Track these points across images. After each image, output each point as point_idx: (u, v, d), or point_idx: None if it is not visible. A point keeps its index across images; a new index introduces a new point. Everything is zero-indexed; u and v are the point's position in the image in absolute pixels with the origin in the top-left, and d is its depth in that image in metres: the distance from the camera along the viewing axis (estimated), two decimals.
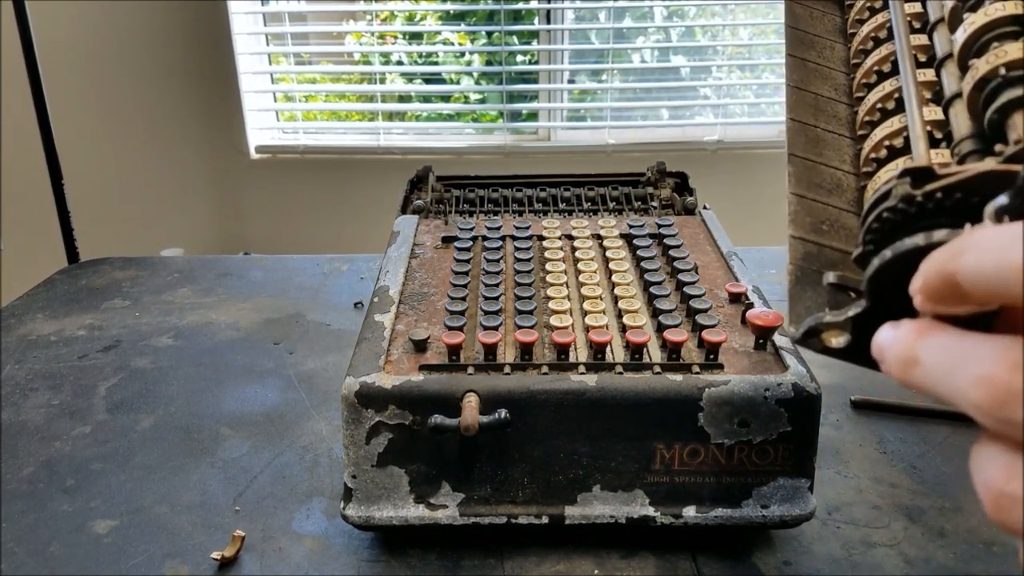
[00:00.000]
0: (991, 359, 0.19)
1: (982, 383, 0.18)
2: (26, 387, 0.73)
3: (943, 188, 0.23)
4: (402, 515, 0.49)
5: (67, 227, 1.17)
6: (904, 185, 0.23)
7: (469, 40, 2.33)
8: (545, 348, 0.51)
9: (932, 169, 0.23)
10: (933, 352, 0.20)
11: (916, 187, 0.23)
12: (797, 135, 0.37)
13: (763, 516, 0.49)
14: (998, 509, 0.19)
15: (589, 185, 0.80)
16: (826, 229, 0.35)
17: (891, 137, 0.34)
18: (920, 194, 0.23)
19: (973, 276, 0.19)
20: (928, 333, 0.21)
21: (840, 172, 0.37)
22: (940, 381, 0.20)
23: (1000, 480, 0.19)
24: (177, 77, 2.21)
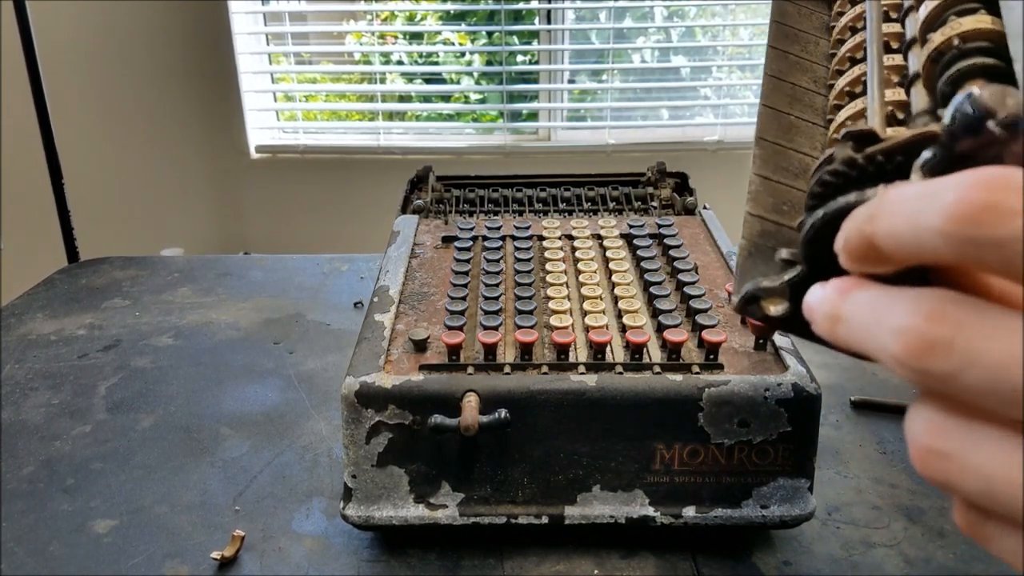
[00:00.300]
0: (909, 310, 0.18)
1: (899, 334, 0.18)
2: (26, 387, 0.73)
3: (883, 151, 0.22)
4: (402, 515, 0.49)
5: (67, 227, 1.17)
6: (846, 148, 0.23)
7: (469, 40, 2.33)
8: (545, 348, 0.51)
9: (874, 133, 0.23)
10: (856, 308, 0.20)
11: (858, 150, 0.23)
12: (769, 121, 0.37)
13: (763, 516, 0.49)
14: (923, 465, 0.19)
15: (589, 185, 0.80)
16: (786, 210, 0.35)
17: (854, 118, 0.33)
18: (861, 157, 0.23)
19: (890, 239, 0.19)
20: (852, 290, 0.20)
21: (809, 158, 0.36)
22: (863, 337, 0.20)
23: (925, 436, 0.19)
24: (177, 77, 2.21)
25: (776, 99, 0.38)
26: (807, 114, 0.38)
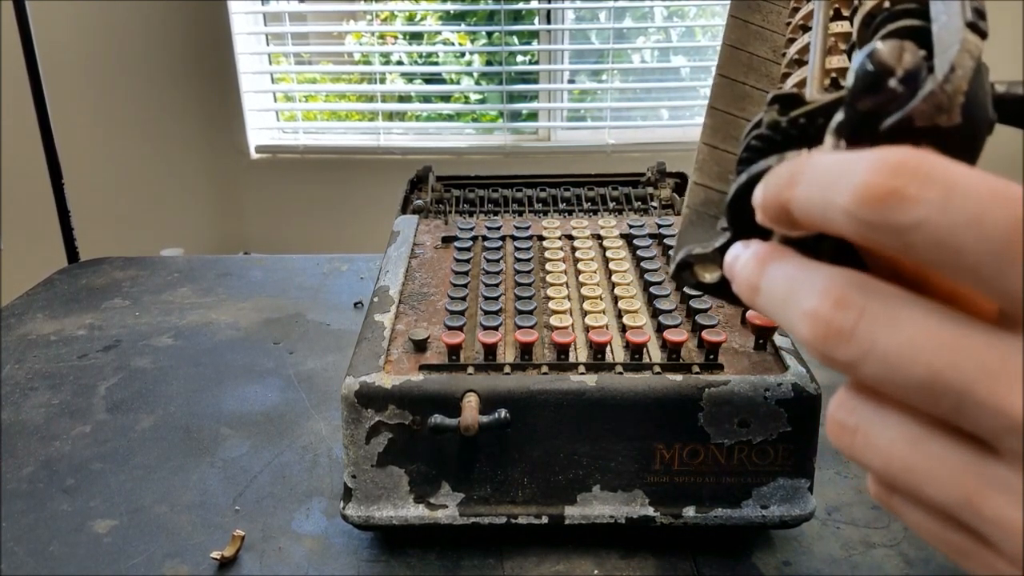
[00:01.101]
0: (818, 292, 0.18)
1: (808, 318, 0.18)
2: (26, 387, 0.73)
3: (805, 113, 0.22)
4: (402, 515, 0.49)
5: (67, 227, 1.17)
6: (772, 112, 0.23)
7: (469, 40, 2.33)
8: (545, 348, 0.51)
9: (799, 95, 0.23)
10: (772, 281, 0.20)
11: (782, 113, 0.23)
12: (723, 90, 0.37)
13: (763, 516, 0.49)
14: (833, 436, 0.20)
15: (589, 185, 0.80)
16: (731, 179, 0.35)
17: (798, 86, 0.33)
18: (784, 120, 0.23)
19: (802, 207, 0.19)
20: (771, 260, 0.20)
21: None
22: (777, 311, 0.20)
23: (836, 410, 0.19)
24: (177, 77, 2.21)
25: (731, 68, 0.37)
26: (762, 83, 0.38)
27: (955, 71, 0.19)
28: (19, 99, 1.40)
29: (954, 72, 0.19)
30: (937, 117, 0.19)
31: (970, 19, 0.20)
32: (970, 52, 0.20)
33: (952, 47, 0.20)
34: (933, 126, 0.19)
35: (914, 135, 0.19)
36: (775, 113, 0.23)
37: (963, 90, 0.19)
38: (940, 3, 0.22)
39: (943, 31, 0.21)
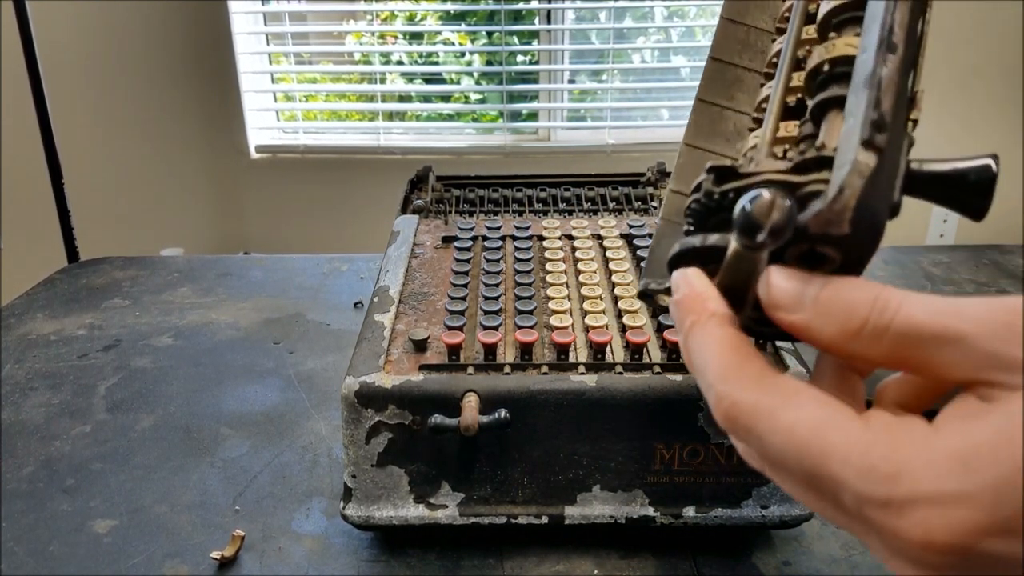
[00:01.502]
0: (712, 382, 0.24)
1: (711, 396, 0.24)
2: (26, 387, 0.73)
3: (734, 189, 0.25)
4: (402, 515, 0.49)
5: (67, 227, 1.17)
6: (708, 181, 0.26)
7: (469, 40, 2.33)
8: (545, 348, 0.51)
9: (734, 169, 0.26)
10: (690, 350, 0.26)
11: (717, 184, 0.26)
12: (713, 77, 0.38)
13: (763, 516, 0.49)
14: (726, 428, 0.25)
15: (589, 185, 0.80)
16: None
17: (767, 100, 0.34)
18: (718, 192, 0.26)
19: None
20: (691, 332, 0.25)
21: (746, 117, 0.37)
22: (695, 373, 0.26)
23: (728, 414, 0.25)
24: (177, 77, 2.21)
25: (725, 49, 0.38)
26: (756, 62, 0.38)
27: (843, 192, 0.22)
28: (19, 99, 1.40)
29: (842, 193, 0.22)
30: (827, 228, 0.23)
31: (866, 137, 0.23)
32: (860, 172, 0.22)
33: (844, 167, 0.23)
34: (825, 234, 0.23)
35: (811, 240, 0.23)
36: (710, 183, 0.26)
37: (851, 207, 0.22)
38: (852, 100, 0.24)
39: (845, 138, 0.24)
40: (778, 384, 0.23)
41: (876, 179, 0.23)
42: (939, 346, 0.21)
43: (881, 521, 0.20)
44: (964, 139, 2.17)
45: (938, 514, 0.19)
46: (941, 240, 2.22)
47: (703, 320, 0.25)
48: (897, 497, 0.20)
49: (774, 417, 0.22)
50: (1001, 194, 0.28)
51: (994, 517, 0.19)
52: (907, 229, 2.17)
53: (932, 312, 0.21)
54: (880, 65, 0.24)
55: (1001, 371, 0.20)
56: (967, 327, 0.20)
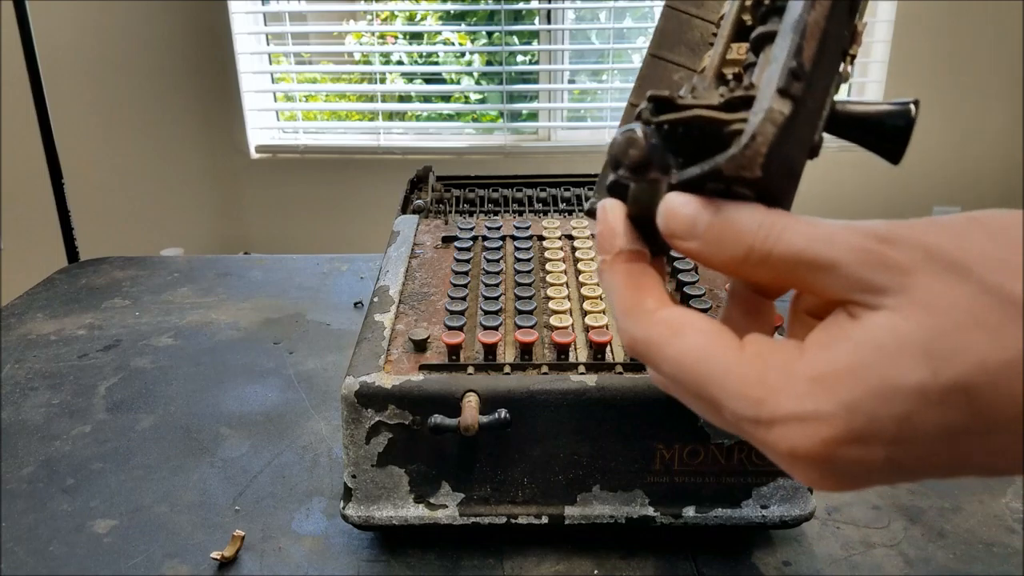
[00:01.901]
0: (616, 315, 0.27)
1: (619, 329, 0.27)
2: (26, 386, 0.73)
3: (669, 121, 0.26)
4: (402, 515, 0.49)
5: (67, 227, 1.17)
6: (647, 111, 0.27)
7: (469, 40, 2.33)
8: (545, 348, 0.51)
9: (672, 100, 0.26)
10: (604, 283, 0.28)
11: (655, 115, 0.26)
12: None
13: (763, 516, 0.49)
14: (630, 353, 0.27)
15: (589, 185, 0.80)
16: None
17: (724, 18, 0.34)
18: (654, 122, 0.26)
19: None
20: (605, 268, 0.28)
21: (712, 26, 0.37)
22: None
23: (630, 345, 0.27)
24: (177, 77, 2.21)
25: None
26: None
27: (755, 139, 0.24)
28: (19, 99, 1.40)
29: (754, 140, 0.24)
30: (740, 172, 0.24)
31: (782, 85, 0.24)
32: (772, 120, 0.24)
33: (759, 114, 0.24)
34: (738, 176, 0.24)
35: (725, 181, 0.24)
36: (648, 113, 0.27)
37: (762, 153, 0.24)
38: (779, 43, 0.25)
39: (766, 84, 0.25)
40: (667, 318, 0.25)
41: (790, 126, 0.24)
42: (814, 271, 0.23)
43: (753, 435, 0.23)
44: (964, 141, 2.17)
45: (798, 430, 0.22)
46: None
47: (610, 259, 0.27)
48: (764, 417, 0.22)
49: (662, 349, 0.25)
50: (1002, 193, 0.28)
51: (848, 430, 0.21)
52: None
53: (809, 239, 0.23)
54: (807, 10, 0.25)
55: (864, 293, 0.22)
56: (837, 254, 0.22)
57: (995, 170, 2.13)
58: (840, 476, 0.22)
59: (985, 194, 2.15)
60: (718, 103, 0.26)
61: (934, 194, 2.17)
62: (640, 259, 0.27)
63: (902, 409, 0.21)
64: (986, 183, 2.13)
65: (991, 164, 2.16)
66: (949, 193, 2.17)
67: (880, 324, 0.21)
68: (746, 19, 0.31)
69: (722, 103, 0.26)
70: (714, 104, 0.26)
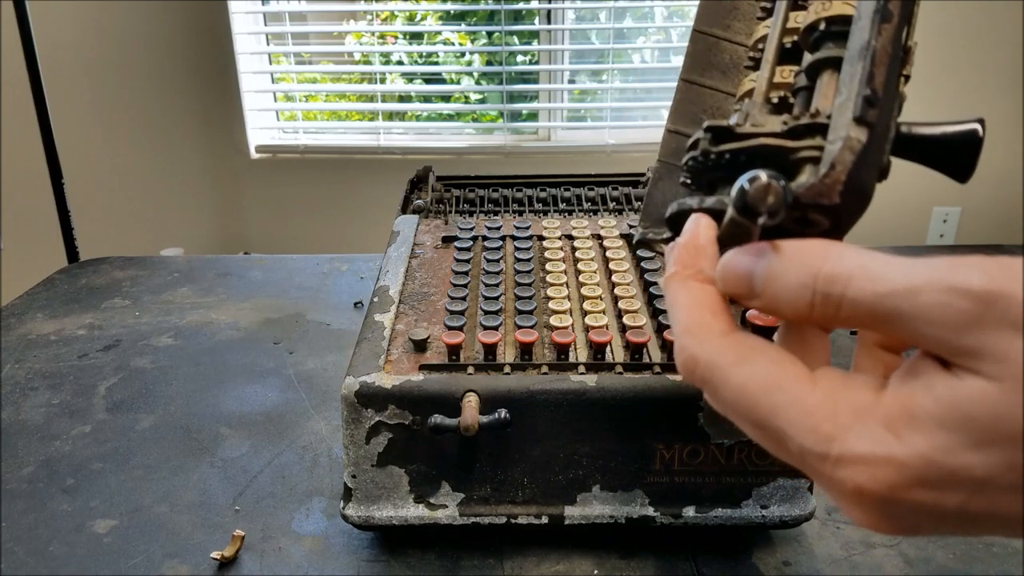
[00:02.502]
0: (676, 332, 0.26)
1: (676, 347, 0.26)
2: (26, 386, 0.73)
3: (731, 151, 0.27)
4: (402, 515, 0.49)
5: (67, 227, 1.17)
6: (705, 141, 0.27)
7: (469, 40, 2.33)
8: (545, 348, 0.51)
9: (730, 129, 0.27)
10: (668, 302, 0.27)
11: (714, 144, 0.27)
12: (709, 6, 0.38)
13: (763, 516, 0.49)
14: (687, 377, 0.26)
15: (589, 185, 0.80)
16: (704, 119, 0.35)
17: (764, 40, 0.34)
18: (715, 152, 0.27)
19: None
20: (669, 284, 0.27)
21: (742, 48, 0.37)
22: None
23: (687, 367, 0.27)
24: (177, 77, 2.21)
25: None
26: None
27: (834, 167, 0.24)
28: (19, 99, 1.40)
29: (833, 168, 0.24)
30: (818, 199, 0.24)
31: (858, 114, 0.24)
32: (851, 148, 0.24)
33: (836, 143, 0.24)
34: (816, 204, 0.24)
35: (802, 208, 0.24)
36: (707, 143, 0.27)
37: (841, 181, 0.24)
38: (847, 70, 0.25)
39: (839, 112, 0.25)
40: (736, 342, 0.25)
41: (866, 153, 0.24)
42: (892, 324, 0.22)
43: (819, 470, 0.23)
44: None
45: (867, 471, 0.21)
46: (941, 240, 2.22)
47: (687, 274, 0.26)
48: (833, 453, 0.22)
49: (726, 373, 0.24)
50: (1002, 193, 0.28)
51: (921, 478, 0.21)
52: (907, 229, 2.18)
53: (880, 295, 0.22)
54: (874, 36, 0.25)
55: (955, 355, 0.21)
56: (922, 311, 0.21)
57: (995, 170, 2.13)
58: (902, 521, 0.22)
59: (985, 195, 2.15)
60: (781, 130, 0.26)
61: (934, 194, 2.17)
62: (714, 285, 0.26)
63: (983, 474, 0.20)
64: (986, 183, 2.13)
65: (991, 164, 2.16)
66: (949, 193, 2.17)
67: (975, 389, 0.20)
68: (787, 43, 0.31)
69: (786, 130, 0.26)
70: (777, 132, 0.26)
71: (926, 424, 0.21)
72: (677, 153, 0.36)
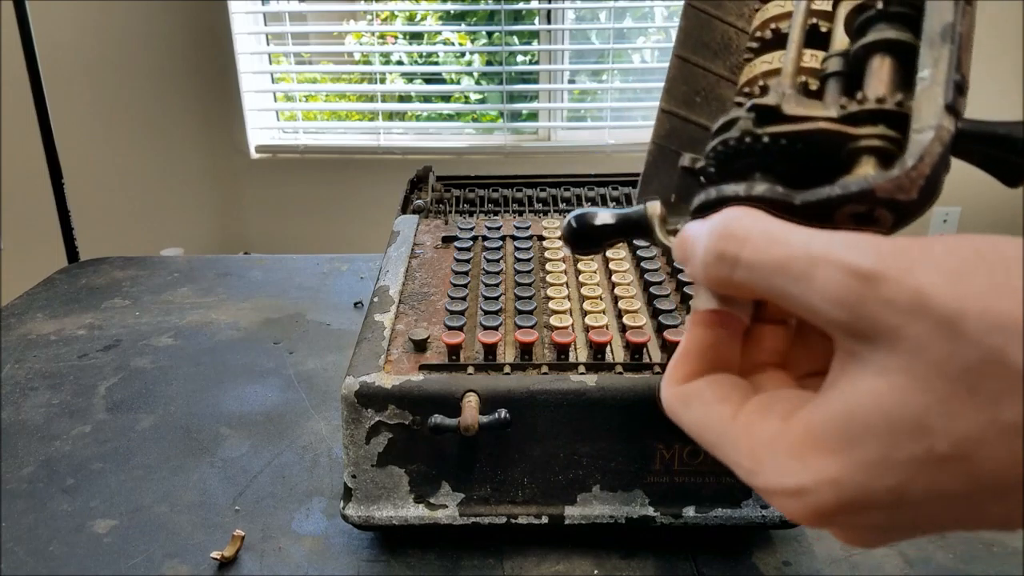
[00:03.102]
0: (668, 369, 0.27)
1: None
2: (26, 386, 0.73)
3: (787, 135, 0.24)
4: (402, 515, 0.49)
5: (67, 227, 1.17)
6: (748, 121, 0.25)
7: (469, 40, 2.33)
8: (545, 348, 0.51)
9: (778, 109, 0.24)
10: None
11: (759, 126, 0.25)
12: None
13: (763, 516, 0.49)
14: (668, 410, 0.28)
15: (589, 185, 0.80)
16: (699, 101, 0.34)
17: (778, 20, 0.32)
18: (761, 134, 0.25)
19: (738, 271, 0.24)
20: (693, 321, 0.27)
21: (733, 29, 0.36)
22: None
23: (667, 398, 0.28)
24: (177, 77, 2.21)
25: None
26: None
27: (923, 160, 0.21)
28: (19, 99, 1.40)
29: (923, 160, 0.21)
30: (896, 194, 0.22)
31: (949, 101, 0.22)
32: (941, 139, 0.22)
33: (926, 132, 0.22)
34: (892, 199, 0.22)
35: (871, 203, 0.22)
36: (750, 123, 0.25)
37: (926, 175, 0.22)
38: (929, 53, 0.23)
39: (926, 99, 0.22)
40: (682, 391, 0.26)
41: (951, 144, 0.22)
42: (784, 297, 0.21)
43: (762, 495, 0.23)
44: None
45: (789, 502, 0.22)
46: None
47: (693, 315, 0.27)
48: (759, 486, 0.23)
49: (678, 418, 0.26)
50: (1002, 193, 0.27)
51: (838, 501, 0.20)
52: (908, 229, 2.17)
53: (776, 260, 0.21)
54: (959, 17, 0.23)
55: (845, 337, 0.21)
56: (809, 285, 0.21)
57: None
58: (850, 536, 0.22)
59: (985, 195, 2.15)
60: (838, 115, 0.24)
61: None
62: (713, 321, 0.26)
63: (895, 481, 0.20)
64: (986, 183, 2.13)
65: None
66: (949, 193, 2.17)
67: (868, 390, 0.20)
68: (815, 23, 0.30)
69: (844, 115, 0.24)
70: (834, 116, 0.24)
71: (827, 445, 0.20)
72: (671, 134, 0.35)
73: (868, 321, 0.19)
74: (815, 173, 0.24)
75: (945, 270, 0.19)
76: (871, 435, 0.20)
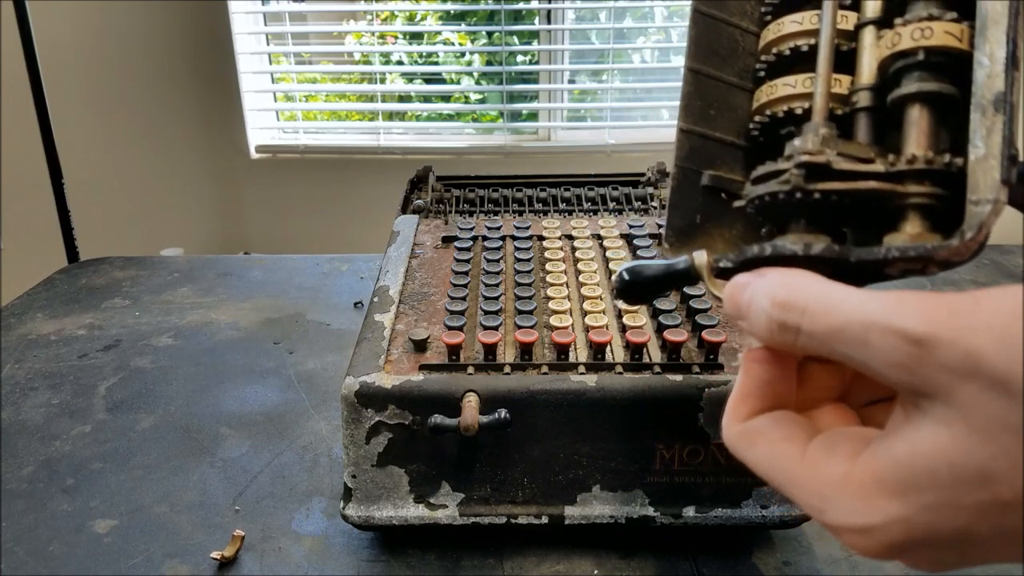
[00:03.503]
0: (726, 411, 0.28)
1: None
2: (26, 386, 0.73)
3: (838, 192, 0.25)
4: (402, 515, 0.49)
5: (67, 227, 1.17)
6: (798, 177, 0.26)
7: (469, 40, 2.33)
8: (545, 348, 0.51)
9: (828, 167, 0.25)
10: None
11: (808, 182, 0.25)
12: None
13: (763, 516, 0.49)
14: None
15: (589, 185, 0.80)
16: (713, 114, 0.34)
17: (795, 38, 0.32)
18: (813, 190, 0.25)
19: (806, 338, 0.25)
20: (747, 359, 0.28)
21: (738, 31, 0.35)
22: None
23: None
24: (177, 77, 2.21)
25: None
26: None
27: (981, 230, 0.23)
28: (19, 99, 1.40)
29: (980, 231, 0.23)
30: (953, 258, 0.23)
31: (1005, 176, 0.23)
32: (997, 212, 0.23)
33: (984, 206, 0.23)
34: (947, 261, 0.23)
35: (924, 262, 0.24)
36: (799, 179, 0.25)
37: (981, 242, 0.23)
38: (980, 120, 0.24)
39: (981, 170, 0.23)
40: (746, 429, 0.27)
41: None
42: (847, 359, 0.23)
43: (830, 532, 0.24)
44: None
45: (859, 539, 0.23)
46: None
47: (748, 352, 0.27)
48: (828, 524, 0.24)
49: (743, 456, 0.27)
50: None
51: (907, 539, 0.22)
52: None
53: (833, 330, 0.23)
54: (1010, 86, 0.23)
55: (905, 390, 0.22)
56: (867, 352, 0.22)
57: None
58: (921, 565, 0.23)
59: None
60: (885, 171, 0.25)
61: None
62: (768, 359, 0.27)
63: (963, 522, 0.21)
64: None
65: None
66: None
67: (931, 438, 0.21)
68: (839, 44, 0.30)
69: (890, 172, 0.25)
70: (882, 172, 0.25)
71: (894, 489, 0.22)
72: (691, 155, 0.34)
73: (925, 381, 0.21)
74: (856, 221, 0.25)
75: (994, 331, 0.20)
76: (937, 481, 0.21)
